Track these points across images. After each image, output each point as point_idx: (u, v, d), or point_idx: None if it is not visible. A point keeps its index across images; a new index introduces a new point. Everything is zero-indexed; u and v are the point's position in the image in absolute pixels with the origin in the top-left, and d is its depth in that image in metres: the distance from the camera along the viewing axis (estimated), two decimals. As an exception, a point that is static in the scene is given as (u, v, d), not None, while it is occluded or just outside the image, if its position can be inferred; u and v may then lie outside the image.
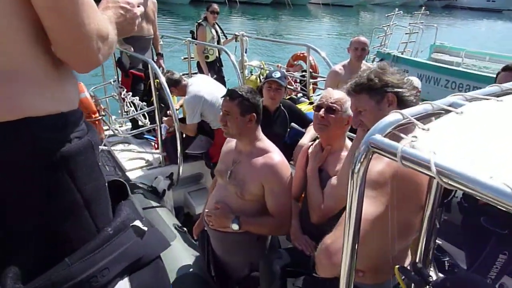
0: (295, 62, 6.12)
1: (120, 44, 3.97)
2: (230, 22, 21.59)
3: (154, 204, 3.04)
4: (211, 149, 3.43)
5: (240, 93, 1.88)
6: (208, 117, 3.35)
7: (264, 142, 1.98)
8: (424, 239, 1.20)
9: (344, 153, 1.80)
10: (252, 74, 5.33)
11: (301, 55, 5.96)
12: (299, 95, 4.60)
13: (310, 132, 2.69)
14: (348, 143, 1.89)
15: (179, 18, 21.26)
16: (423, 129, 0.78)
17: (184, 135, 3.70)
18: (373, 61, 9.22)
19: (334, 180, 1.74)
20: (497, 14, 40.25)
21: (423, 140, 0.74)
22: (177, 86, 3.42)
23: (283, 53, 11.15)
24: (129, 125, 4.43)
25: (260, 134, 1.99)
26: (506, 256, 1.92)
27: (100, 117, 3.61)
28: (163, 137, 3.52)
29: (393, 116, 0.81)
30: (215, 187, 2.13)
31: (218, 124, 3.27)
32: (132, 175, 3.45)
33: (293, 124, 2.87)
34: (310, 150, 1.97)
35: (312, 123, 2.77)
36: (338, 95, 1.84)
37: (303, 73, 4.86)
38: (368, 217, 1.05)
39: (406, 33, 9.99)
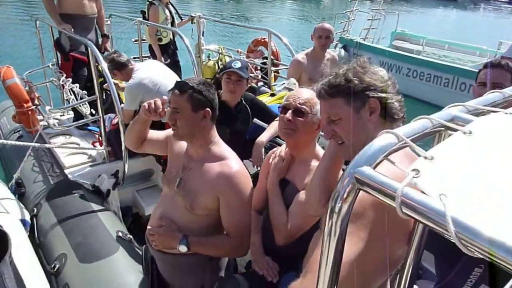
0: (256, 48, 5.81)
1: (58, 23, 3.51)
2: (187, 2, 20.78)
3: (96, 207, 2.69)
4: None
5: (191, 85, 1.59)
6: None
7: (220, 146, 1.70)
8: (410, 269, 0.99)
9: (315, 163, 1.53)
10: (209, 59, 4.99)
11: (262, 40, 5.66)
12: (260, 83, 4.31)
13: (272, 129, 2.43)
14: (320, 150, 1.63)
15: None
16: (426, 157, 0.57)
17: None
18: (335, 47, 9.08)
19: (302, 195, 1.48)
20: (452, 3, 41.56)
21: (428, 176, 0.54)
22: (121, 70, 3.09)
23: (244, 38, 10.78)
24: (72, 114, 4.00)
25: (216, 135, 1.71)
26: (482, 269, 1.77)
27: (33, 107, 3.15)
28: (107, 130, 3.15)
29: (385, 139, 0.59)
30: (160, 199, 1.82)
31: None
32: (73, 173, 3.06)
33: (255, 120, 2.60)
34: (274, 157, 1.68)
35: (276, 119, 2.53)
36: (307, 94, 1.57)
37: (264, 60, 4.58)
38: (346, 260, 0.81)
39: (368, 19, 9.90)
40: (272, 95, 3.12)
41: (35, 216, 2.70)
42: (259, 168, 2.39)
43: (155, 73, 2.98)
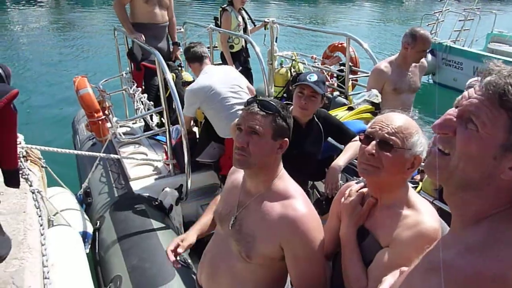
0: (332, 54, 5.43)
1: (130, 32, 3.50)
2: (262, 7, 20.80)
3: (157, 225, 2.56)
4: (221, 159, 2.93)
5: (277, 107, 1.32)
6: (212, 120, 2.85)
7: (285, 180, 1.39)
8: None
9: (406, 212, 1.16)
10: (282, 66, 4.73)
11: (340, 45, 5.27)
12: (336, 93, 3.96)
13: (349, 151, 2.10)
14: (414, 196, 1.22)
15: (216, 2, 20.69)
16: None
17: (197, 141, 3.21)
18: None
19: (385, 253, 1.14)
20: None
21: None
22: (192, 62, 3.02)
23: (319, 43, 10.37)
24: (143, 122, 3.99)
25: (281, 168, 1.41)
26: None
27: (103, 117, 3.15)
28: (174, 142, 3.03)
29: None
30: (212, 237, 1.57)
31: (226, 133, 2.74)
32: (137, 185, 3.00)
33: (329, 139, 2.28)
34: (347, 196, 1.32)
35: (354, 139, 2.19)
36: (400, 121, 1.18)
37: (342, 68, 4.21)
38: None
39: (460, 20, 8.96)
40: (350, 108, 2.76)
41: (98, 229, 2.64)
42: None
43: (220, 83, 2.79)
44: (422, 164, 1.12)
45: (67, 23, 15.98)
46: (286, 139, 1.35)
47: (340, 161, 2.09)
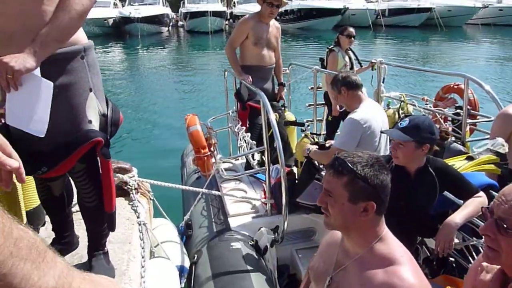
0: (446, 95, 5.02)
1: (238, 74, 3.67)
2: (373, 47, 20.47)
3: (251, 266, 2.52)
4: None
5: (352, 167, 1.19)
6: None
7: (389, 243, 1.23)
8: None
9: None
10: (389, 108, 4.51)
11: (455, 87, 4.86)
12: (451, 138, 3.60)
13: (469, 208, 1.84)
14: None
15: (322, 44, 21.05)
16: None
17: (296, 181, 3.15)
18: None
19: None
20: None
21: None
22: (350, 90, 2.70)
23: (431, 84, 9.74)
24: (245, 159, 4.09)
25: (383, 229, 1.25)
26: None
27: (209, 153, 3.30)
28: (273, 182, 3.02)
29: None
30: None
31: None
32: (235, 222, 3.02)
33: (446, 193, 2.03)
34: (481, 271, 1.10)
35: (477, 195, 1.93)
36: None
37: (458, 111, 3.85)
38: None
39: None
40: (470, 158, 2.45)
41: (195, 263, 2.69)
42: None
43: (376, 120, 2.64)
44: None
45: (185, 63, 17.64)
46: (372, 202, 1.18)
47: (457, 217, 1.84)
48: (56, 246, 1.97)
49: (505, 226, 0.93)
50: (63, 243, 2.03)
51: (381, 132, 2.29)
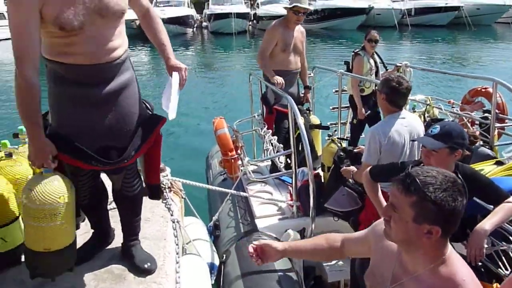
0: (474, 99, 4.96)
1: (265, 78, 3.75)
2: (398, 48, 20.14)
3: (278, 266, 2.59)
4: (361, 215, 2.72)
5: (423, 187, 1.11)
6: None
7: (453, 265, 1.18)
8: None
9: None
10: (414, 111, 4.49)
11: (483, 90, 4.80)
12: (479, 142, 3.57)
13: (499, 214, 1.86)
14: None
15: (346, 45, 20.87)
16: None
17: (322, 184, 3.21)
18: None
19: None
20: None
21: None
22: (392, 96, 2.55)
23: (457, 87, 9.55)
24: (270, 162, 4.16)
25: (447, 250, 1.19)
26: None
27: (236, 156, 3.38)
28: (300, 184, 3.09)
29: None
30: None
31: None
32: (262, 223, 3.10)
33: (475, 199, 2.05)
34: None
35: (507, 200, 1.94)
36: None
37: (486, 115, 3.81)
38: None
39: None
40: (499, 163, 2.45)
41: (223, 263, 2.79)
42: None
43: (398, 131, 2.54)
44: None
45: (209, 64, 17.84)
46: (438, 227, 1.12)
47: (487, 224, 1.86)
48: (99, 240, 2.11)
49: None
50: (104, 236, 2.16)
51: (412, 140, 2.31)
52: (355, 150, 3.04)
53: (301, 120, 2.78)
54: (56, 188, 1.60)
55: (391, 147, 2.48)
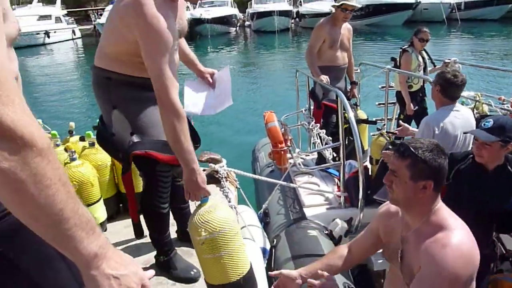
0: (526, 95, 4.83)
1: (316, 75, 3.90)
2: (447, 44, 19.46)
3: (326, 252, 2.74)
4: None
5: (414, 151, 1.44)
6: None
7: (441, 214, 1.46)
8: None
9: None
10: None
11: (537, 85, 4.67)
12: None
13: None
14: None
15: (391, 41, 20.43)
16: None
17: (372, 177, 3.30)
18: None
19: None
20: None
21: None
22: (446, 89, 2.64)
23: (509, 81, 9.18)
24: (316, 155, 4.30)
25: (437, 203, 1.49)
26: None
27: (285, 148, 3.56)
28: (347, 176, 3.21)
29: None
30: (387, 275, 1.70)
31: None
32: (309, 212, 3.26)
33: None
34: None
35: None
36: None
37: (539, 111, 3.74)
38: None
39: None
40: (549, 157, 2.46)
41: (274, 247, 2.97)
42: None
43: (452, 123, 2.62)
44: None
45: (253, 62, 18.10)
46: (430, 181, 1.42)
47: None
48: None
49: None
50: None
51: (465, 132, 2.37)
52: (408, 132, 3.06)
53: (352, 114, 2.89)
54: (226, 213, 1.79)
55: (444, 136, 2.56)
